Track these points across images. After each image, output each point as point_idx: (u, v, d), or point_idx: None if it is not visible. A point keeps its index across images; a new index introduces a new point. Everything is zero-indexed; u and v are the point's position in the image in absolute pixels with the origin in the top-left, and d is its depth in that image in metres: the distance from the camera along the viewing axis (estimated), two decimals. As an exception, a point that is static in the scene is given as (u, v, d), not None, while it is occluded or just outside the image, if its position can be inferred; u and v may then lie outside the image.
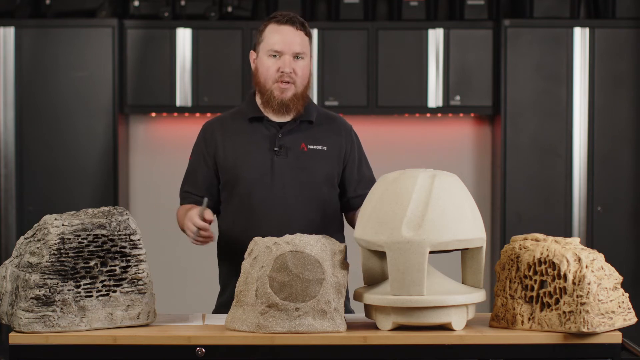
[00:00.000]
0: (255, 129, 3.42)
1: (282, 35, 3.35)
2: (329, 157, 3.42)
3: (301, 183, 3.37)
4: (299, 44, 3.36)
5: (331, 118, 3.51)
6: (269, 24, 3.39)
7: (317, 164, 3.40)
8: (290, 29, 3.36)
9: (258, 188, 3.36)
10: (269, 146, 3.38)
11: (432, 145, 6.52)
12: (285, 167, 3.37)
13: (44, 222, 2.82)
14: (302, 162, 3.38)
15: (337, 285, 2.82)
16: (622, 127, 6.16)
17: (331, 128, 3.47)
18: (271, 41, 3.36)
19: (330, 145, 3.43)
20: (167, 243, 6.47)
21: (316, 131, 3.43)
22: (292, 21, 3.37)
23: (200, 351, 2.76)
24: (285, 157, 3.38)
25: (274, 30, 3.37)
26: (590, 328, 2.72)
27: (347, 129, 3.51)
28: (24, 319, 2.76)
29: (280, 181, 3.36)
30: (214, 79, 6.19)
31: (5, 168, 6.14)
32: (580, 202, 6.14)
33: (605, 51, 6.13)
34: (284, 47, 3.34)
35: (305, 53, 3.38)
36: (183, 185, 3.50)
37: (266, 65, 3.36)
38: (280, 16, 3.39)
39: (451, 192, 2.81)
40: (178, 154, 6.50)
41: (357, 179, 3.47)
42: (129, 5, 6.29)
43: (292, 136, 3.40)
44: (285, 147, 3.38)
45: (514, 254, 2.87)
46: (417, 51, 6.22)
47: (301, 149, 3.39)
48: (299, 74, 3.36)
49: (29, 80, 6.13)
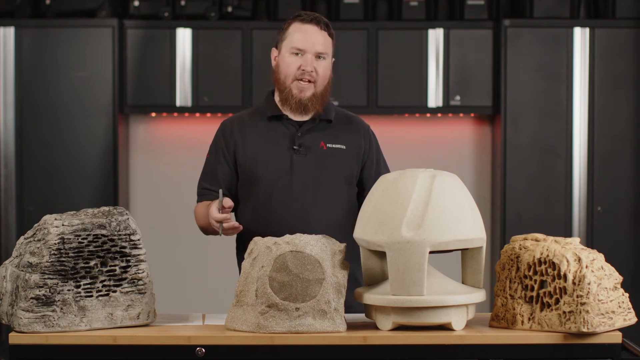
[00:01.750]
0: (275, 128, 3.41)
1: (305, 33, 3.35)
2: (348, 156, 3.42)
3: (320, 182, 3.37)
4: (322, 44, 3.36)
5: (349, 117, 3.52)
6: (293, 22, 3.39)
7: (336, 162, 3.40)
8: (314, 28, 3.36)
9: (277, 187, 3.36)
10: (288, 145, 3.38)
11: (432, 145, 6.52)
12: (305, 166, 3.37)
13: (44, 222, 2.82)
14: (322, 161, 3.38)
15: (337, 285, 2.82)
16: (622, 127, 6.16)
17: (350, 127, 3.47)
18: (294, 39, 3.36)
19: (349, 144, 3.43)
20: (167, 243, 6.47)
21: (335, 130, 3.44)
22: (317, 21, 3.37)
23: (200, 351, 2.76)
24: (304, 155, 3.38)
25: (298, 28, 3.37)
26: (590, 328, 2.72)
27: (365, 128, 3.51)
28: (24, 319, 2.76)
29: (300, 180, 3.36)
30: (214, 79, 6.19)
31: (5, 168, 6.14)
32: (580, 202, 6.14)
33: (605, 51, 6.13)
34: (306, 45, 3.34)
35: (328, 53, 3.38)
36: (200, 182, 3.49)
37: (287, 62, 3.36)
38: (305, 15, 3.39)
39: (451, 192, 2.81)
40: (178, 154, 6.51)
41: (374, 178, 3.46)
42: (129, 5, 6.29)
43: (311, 135, 3.40)
44: (305, 146, 3.38)
45: (514, 254, 2.87)
46: (417, 51, 6.22)
47: (320, 147, 3.40)
48: (320, 73, 3.36)
49: (29, 80, 6.13)
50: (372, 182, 3.44)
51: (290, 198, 3.35)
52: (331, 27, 3.42)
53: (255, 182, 3.38)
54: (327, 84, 3.39)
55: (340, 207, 3.40)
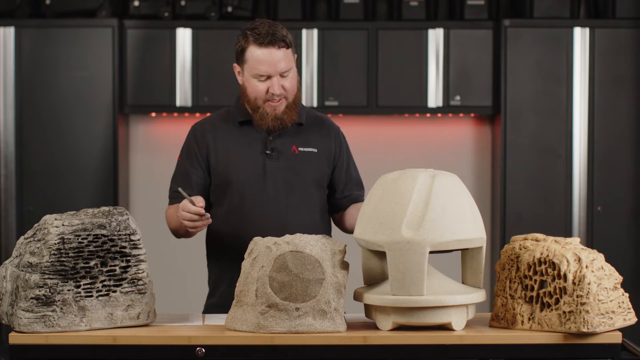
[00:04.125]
0: (246, 132, 3.41)
1: (265, 57, 3.27)
2: (320, 159, 3.43)
3: (293, 185, 3.38)
4: (283, 63, 3.29)
5: (320, 119, 3.51)
6: (249, 45, 3.29)
7: (308, 166, 3.40)
8: (272, 50, 3.28)
9: (251, 191, 3.36)
10: (260, 149, 3.39)
11: (432, 145, 6.51)
12: (277, 170, 3.38)
13: (44, 222, 2.82)
14: (294, 165, 3.39)
15: (337, 285, 2.82)
16: (622, 127, 6.16)
17: (321, 130, 3.47)
18: (255, 65, 3.29)
19: (320, 148, 3.44)
20: (167, 243, 6.46)
21: (306, 133, 3.44)
22: (273, 40, 3.27)
23: (200, 351, 2.76)
24: (277, 159, 3.38)
25: (256, 54, 3.28)
26: (590, 328, 2.72)
27: (336, 130, 3.52)
28: (24, 319, 2.76)
29: (273, 184, 3.37)
30: (214, 79, 6.19)
31: (5, 168, 6.14)
32: (580, 202, 6.14)
33: (605, 51, 6.13)
34: (269, 70, 3.29)
35: (291, 67, 3.33)
36: (172, 185, 3.48)
37: (254, 87, 3.33)
38: (258, 35, 3.27)
39: (451, 192, 2.81)
40: (178, 154, 6.51)
41: (345, 180, 3.49)
42: (129, 5, 6.29)
43: (283, 139, 3.40)
44: (277, 150, 3.39)
45: (514, 254, 2.87)
46: (417, 51, 6.22)
47: (292, 151, 3.40)
48: (288, 87, 3.33)
49: (29, 80, 6.13)
50: (342, 184, 3.49)
51: (264, 202, 3.36)
52: (288, 34, 3.32)
53: (228, 186, 3.38)
54: (297, 91, 3.37)
55: (313, 209, 3.42)
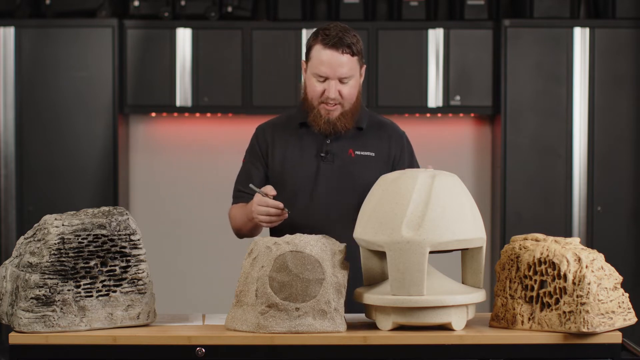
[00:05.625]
0: (304, 134, 3.41)
1: (327, 59, 3.27)
2: (377, 163, 3.40)
3: (345, 189, 3.35)
4: (344, 69, 3.28)
5: (381, 123, 3.48)
6: (316, 43, 3.30)
7: (363, 170, 3.37)
8: (335, 54, 3.27)
9: (301, 193, 3.36)
10: (316, 152, 3.38)
11: (432, 145, 6.51)
12: (331, 173, 3.36)
13: (44, 222, 2.82)
14: (349, 168, 3.37)
15: (337, 285, 2.82)
16: (622, 127, 6.15)
17: (380, 134, 3.44)
18: (317, 64, 3.29)
19: (378, 151, 3.41)
20: (167, 243, 6.47)
21: (366, 137, 3.41)
22: (338, 44, 3.27)
23: (200, 351, 2.76)
24: (331, 162, 3.37)
25: (320, 53, 3.28)
26: (590, 328, 2.72)
27: (398, 134, 3.48)
28: (24, 319, 2.76)
29: (324, 188, 3.36)
30: (214, 79, 6.19)
31: (5, 168, 6.14)
32: (580, 202, 6.14)
33: (605, 51, 6.13)
34: (328, 73, 3.28)
35: (352, 75, 3.30)
36: (236, 185, 3.49)
37: (312, 86, 3.32)
38: (326, 36, 3.28)
39: (451, 192, 2.81)
40: (178, 154, 6.51)
41: None
42: (129, 5, 6.29)
43: (340, 142, 3.38)
44: (332, 153, 3.37)
45: (514, 254, 2.87)
46: (417, 51, 6.21)
47: (349, 154, 3.38)
48: (346, 95, 3.31)
49: (29, 80, 6.13)
50: None
51: (311, 206, 3.35)
52: (356, 42, 3.30)
53: (282, 186, 3.37)
54: (355, 100, 3.35)
55: None
